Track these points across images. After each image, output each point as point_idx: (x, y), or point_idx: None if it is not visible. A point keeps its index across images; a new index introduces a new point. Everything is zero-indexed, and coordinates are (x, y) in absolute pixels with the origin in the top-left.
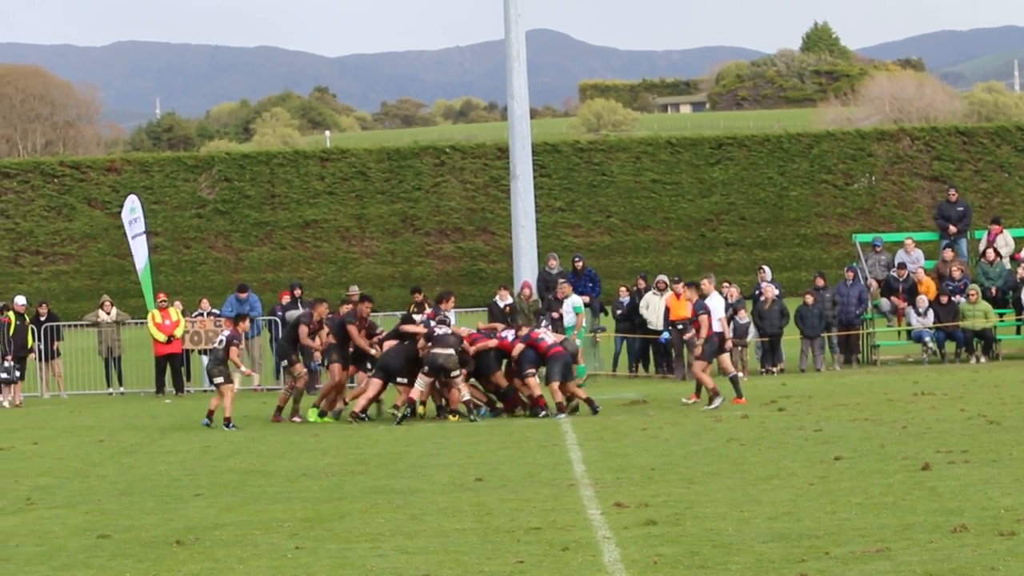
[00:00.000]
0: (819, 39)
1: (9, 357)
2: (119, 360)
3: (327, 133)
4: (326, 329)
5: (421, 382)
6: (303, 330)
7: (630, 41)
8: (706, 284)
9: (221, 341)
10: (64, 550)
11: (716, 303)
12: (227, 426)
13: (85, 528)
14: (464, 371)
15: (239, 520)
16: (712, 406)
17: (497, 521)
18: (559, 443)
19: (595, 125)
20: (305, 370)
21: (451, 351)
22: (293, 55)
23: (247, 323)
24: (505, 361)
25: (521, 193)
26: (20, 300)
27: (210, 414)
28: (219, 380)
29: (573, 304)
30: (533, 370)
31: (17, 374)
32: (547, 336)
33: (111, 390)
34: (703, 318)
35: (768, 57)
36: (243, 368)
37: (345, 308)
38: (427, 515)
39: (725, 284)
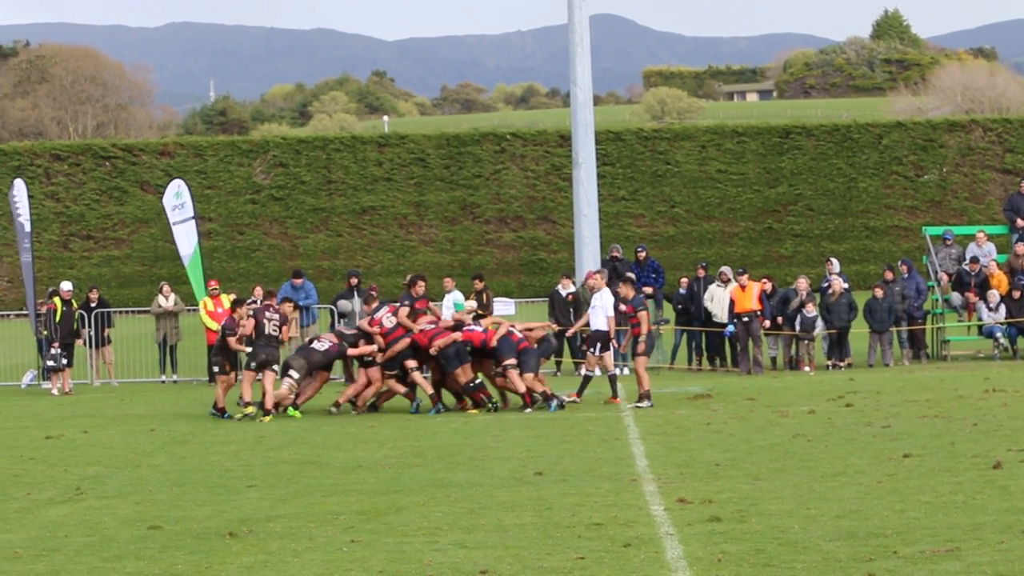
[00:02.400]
0: (890, 27)
1: (56, 344)
2: (174, 348)
3: (385, 118)
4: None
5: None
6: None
7: (696, 27)
8: (597, 279)
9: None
10: (114, 541)
11: (606, 299)
12: (216, 411)
13: (136, 519)
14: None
15: (293, 512)
16: (643, 404)
17: (557, 516)
18: (621, 437)
19: (659, 113)
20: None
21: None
22: (350, 38)
23: (243, 309)
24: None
25: (583, 181)
26: (66, 286)
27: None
28: (216, 369)
29: (454, 300)
30: (514, 360)
31: (64, 361)
32: (516, 330)
33: (163, 378)
34: (642, 314)
35: (837, 45)
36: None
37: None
38: (486, 509)
39: (803, 278)
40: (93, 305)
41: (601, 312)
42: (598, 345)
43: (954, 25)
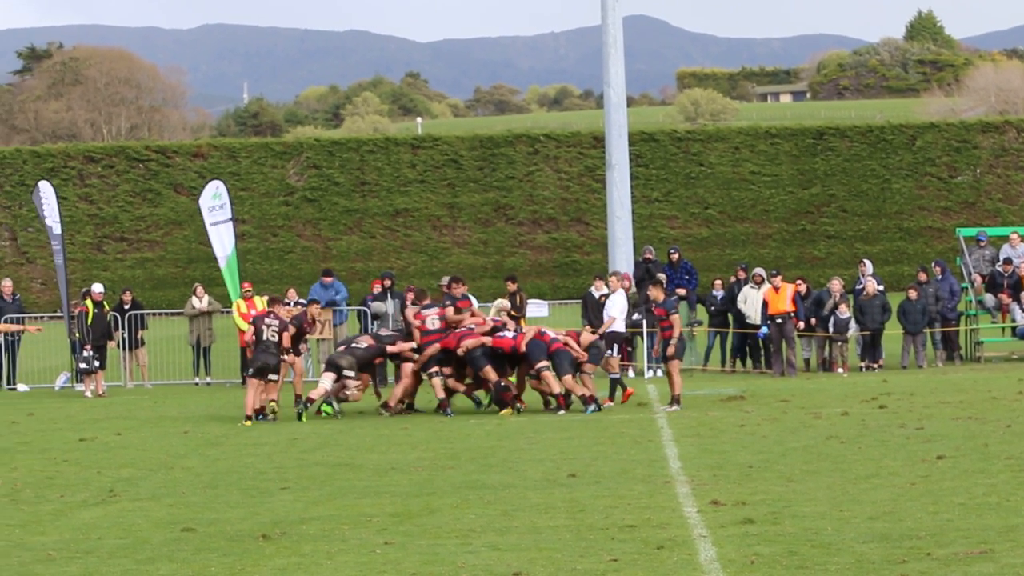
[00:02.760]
0: (923, 28)
1: (88, 347)
2: (208, 350)
3: (418, 120)
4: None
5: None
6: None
7: (729, 28)
8: (612, 280)
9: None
10: (148, 543)
11: (615, 301)
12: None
13: (169, 521)
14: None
15: (327, 514)
16: (672, 408)
17: (591, 518)
18: (654, 439)
19: (693, 114)
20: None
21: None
22: (384, 40)
23: (314, 308)
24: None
25: (617, 183)
26: (97, 288)
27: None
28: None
29: None
30: (546, 362)
31: (97, 364)
32: (548, 331)
33: (197, 380)
34: (674, 317)
35: (871, 46)
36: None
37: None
38: (519, 511)
39: (836, 280)
40: (127, 307)
41: (613, 312)
42: (615, 346)
43: (988, 26)
